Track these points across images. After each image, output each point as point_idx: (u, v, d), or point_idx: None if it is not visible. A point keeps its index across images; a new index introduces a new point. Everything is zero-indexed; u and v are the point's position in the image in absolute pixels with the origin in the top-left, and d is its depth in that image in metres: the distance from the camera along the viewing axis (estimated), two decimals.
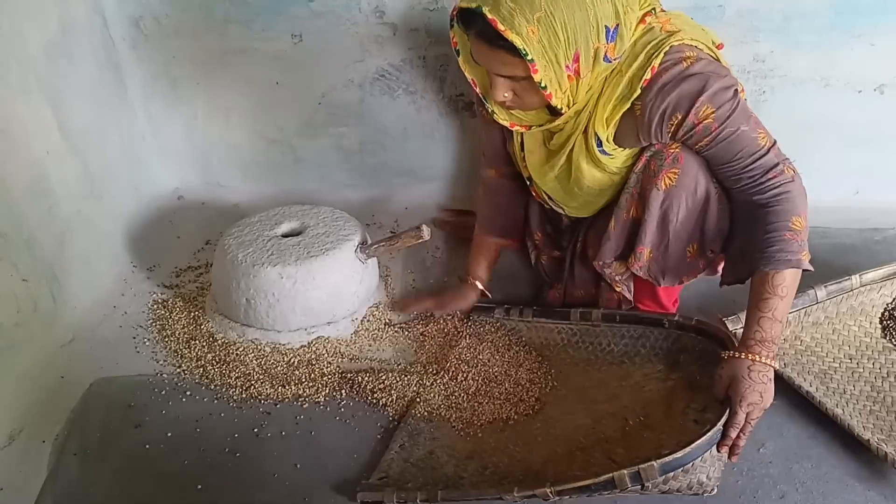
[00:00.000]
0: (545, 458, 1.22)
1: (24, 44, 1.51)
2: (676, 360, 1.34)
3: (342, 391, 1.41)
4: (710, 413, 1.17)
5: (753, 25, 1.74)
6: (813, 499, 1.19)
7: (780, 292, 1.16)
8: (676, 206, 1.26)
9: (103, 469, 1.26)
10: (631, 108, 1.20)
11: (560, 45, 1.09)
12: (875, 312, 1.53)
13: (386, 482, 1.20)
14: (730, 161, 1.19)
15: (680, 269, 1.34)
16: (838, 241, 1.84)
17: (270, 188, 2.10)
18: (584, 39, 1.10)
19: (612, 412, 1.28)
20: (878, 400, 1.34)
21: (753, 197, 1.20)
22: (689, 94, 1.15)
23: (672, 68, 1.15)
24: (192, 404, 1.39)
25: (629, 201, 1.32)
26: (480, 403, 1.37)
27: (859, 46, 1.76)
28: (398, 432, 1.31)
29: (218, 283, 1.56)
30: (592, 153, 1.27)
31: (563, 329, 1.50)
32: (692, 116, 1.15)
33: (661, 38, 1.17)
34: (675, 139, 1.21)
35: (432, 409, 1.36)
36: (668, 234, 1.29)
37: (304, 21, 1.81)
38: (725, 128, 1.16)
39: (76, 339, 1.55)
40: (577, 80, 1.15)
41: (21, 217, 1.46)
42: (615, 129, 1.24)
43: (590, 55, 1.12)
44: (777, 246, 1.16)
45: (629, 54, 1.18)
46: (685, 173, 1.23)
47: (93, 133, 1.75)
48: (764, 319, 1.17)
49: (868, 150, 1.91)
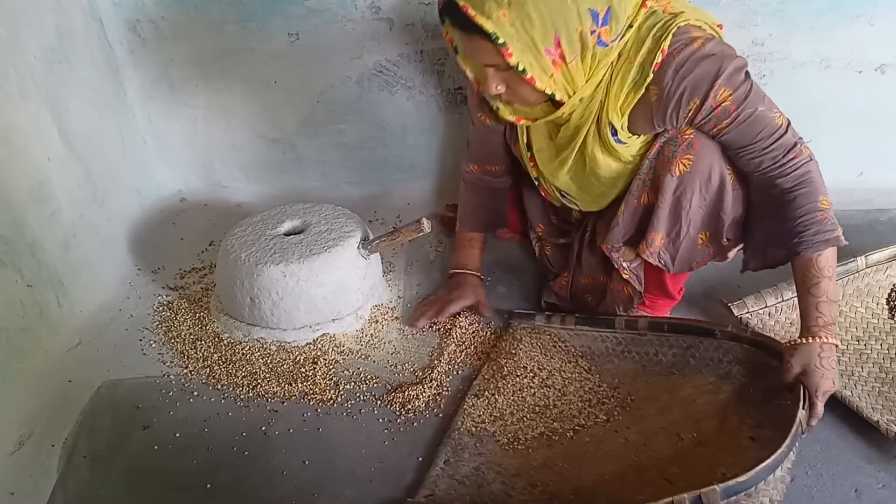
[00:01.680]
0: (596, 477, 1.16)
1: (22, 51, 1.51)
2: (728, 373, 1.28)
3: (349, 387, 1.42)
4: (766, 429, 1.13)
5: (751, 9, 1.74)
6: (823, 481, 1.18)
7: (828, 273, 1.17)
8: (690, 192, 1.25)
9: (113, 471, 1.27)
10: (645, 94, 1.19)
11: (535, 28, 1.08)
12: (882, 293, 1.52)
13: (433, 500, 1.16)
14: (750, 143, 1.18)
15: (691, 256, 1.33)
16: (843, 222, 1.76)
17: (272, 187, 2.10)
18: (563, 22, 1.08)
19: (664, 427, 1.23)
20: (886, 381, 1.34)
21: (777, 181, 1.19)
22: (706, 77, 1.14)
23: (684, 49, 1.14)
24: (199, 404, 1.39)
25: (641, 188, 1.30)
26: (526, 417, 1.32)
27: (858, 27, 1.75)
28: (442, 447, 1.26)
29: (222, 284, 1.57)
30: (606, 142, 1.26)
31: (608, 337, 1.44)
32: (711, 100, 1.14)
33: (666, 20, 1.16)
34: (692, 123, 1.20)
35: (476, 423, 1.31)
36: (681, 221, 1.28)
37: (301, 19, 1.81)
38: (744, 109, 1.15)
39: (82, 343, 1.55)
40: (566, 66, 1.14)
41: (24, 223, 1.47)
42: (628, 117, 1.23)
43: (574, 39, 1.11)
44: (814, 228, 1.17)
45: (635, 40, 1.18)
46: (700, 159, 1.22)
47: (93, 138, 1.76)
48: (822, 304, 1.17)
49: (871, 131, 1.90)
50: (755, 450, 1.10)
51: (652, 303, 1.50)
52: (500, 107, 1.29)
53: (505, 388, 1.38)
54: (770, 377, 1.21)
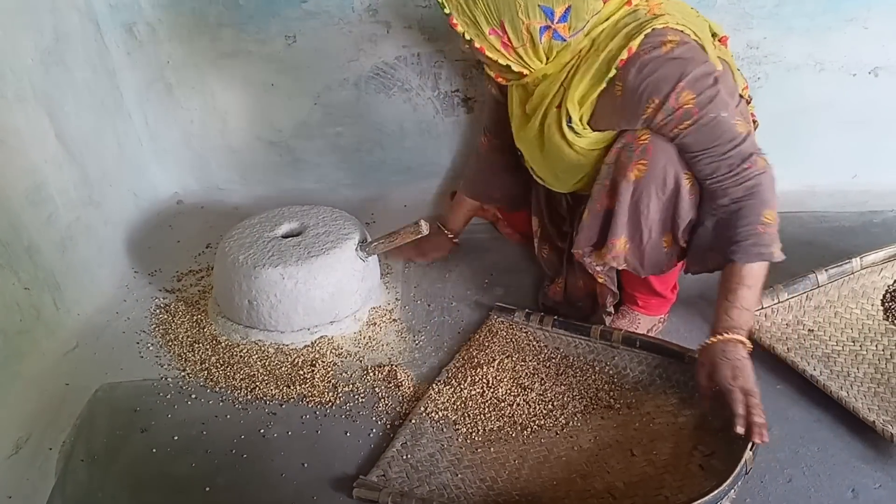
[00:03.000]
0: (544, 480, 1.21)
1: (18, 53, 1.51)
2: (692, 397, 1.30)
3: (347, 389, 1.42)
4: (716, 460, 1.16)
5: (746, 12, 1.74)
6: (820, 481, 1.19)
7: (748, 282, 1.19)
8: (647, 196, 1.26)
9: (111, 474, 1.27)
10: (611, 89, 1.20)
11: (478, 8, 1.17)
12: (877, 294, 1.53)
13: (384, 481, 1.20)
14: (708, 147, 1.19)
15: (658, 260, 1.33)
16: (837, 224, 1.84)
17: (269, 190, 2.10)
18: (508, 13, 1.16)
19: (619, 440, 1.26)
20: (882, 381, 1.34)
21: (729, 189, 1.19)
22: (668, 79, 1.15)
23: (651, 51, 1.16)
24: (197, 407, 1.39)
25: (601, 192, 1.32)
26: (488, 409, 1.35)
27: (852, 30, 1.76)
28: (402, 429, 1.31)
29: (220, 286, 1.57)
30: (562, 129, 1.29)
31: (581, 344, 1.46)
32: (672, 100, 1.16)
33: (644, 20, 1.18)
34: (650, 124, 1.21)
35: (438, 409, 1.34)
36: (642, 226, 1.29)
37: (298, 22, 1.81)
38: (706, 113, 1.16)
39: (80, 346, 1.55)
40: (514, 50, 1.21)
41: (21, 225, 1.46)
42: (592, 110, 1.25)
43: (520, 30, 1.18)
44: (751, 240, 1.18)
45: (608, 34, 1.19)
46: (654, 164, 1.23)
47: (90, 140, 1.76)
48: (733, 309, 1.19)
49: (865, 134, 1.91)
50: (701, 479, 1.14)
51: (645, 302, 1.50)
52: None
53: (473, 378, 1.40)
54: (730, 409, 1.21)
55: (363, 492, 1.17)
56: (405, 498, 1.13)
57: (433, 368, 1.47)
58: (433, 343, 1.55)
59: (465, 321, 1.60)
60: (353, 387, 1.42)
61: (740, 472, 1.06)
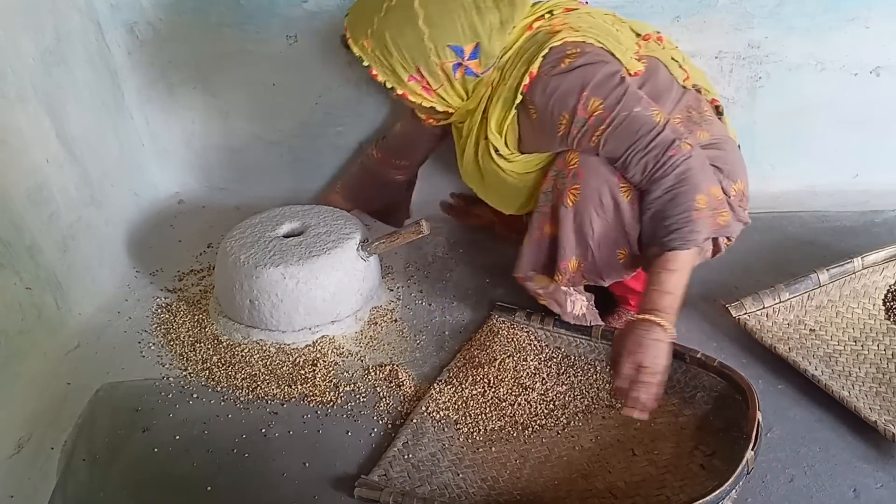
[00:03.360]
0: (546, 480, 1.21)
1: (19, 53, 1.51)
2: (692, 397, 1.31)
3: (348, 389, 1.42)
4: (717, 460, 1.17)
5: (747, 11, 1.74)
6: (821, 481, 1.19)
7: (671, 266, 1.18)
8: (588, 219, 1.26)
9: (112, 474, 1.27)
10: (525, 112, 1.24)
11: (394, 58, 1.25)
12: (878, 294, 1.53)
13: (385, 480, 1.20)
14: (631, 145, 1.18)
15: (616, 270, 1.33)
16: (838, 224, 1.84)
17: (270, 189, 2.10)
18: (422, 57, 1.23)
19: (620, 440, 1.27)
20: (883, 381, 1.34)
21: (661, 180, 1.18)
22: (571, 92, 1.18)
23: (552, 70, 1.19)
24: (198, 406, 1.39)
25: (541, 219, 1.33)
26: (489, 409, 1.35)
27: (853, 29, 1.76)
28: (404, 428, 1.31)
29: (221, 286, 1.57)
30: (492, 157, 1.34)
31: (582, 344, 1.46)
32: (581, 111, 1.17)
33: (543, 41, 1.21)
34: (569, 139, 1.22)
35: (440, 409, 1.35)
36: (589, 246, 1.29)
37: (299, 21, 1.81)
38: (619, 113, 1.17)
39: (81, 346, 1.55)
40: (435, 91, 1.28)
41: (23, 225, 1.46)
42: (517, 135, 1.29)
43: (436, 72, 1.24)
44: (688, 227, 1.17)
45: (513, 60, 1.24)
46: (586, 186, 1.24)
47: (91, 140, 1.76)
48: (654, 291, 1.18)
49: (866, 133, 1.91)
50: (703, 478, 1.15)
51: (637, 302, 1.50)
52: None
53: (474, 378, 1.40)
54: (732, 409, 1.24)
55: (364, 491, 1.17)
56: (406, 497, 1.13)
57: (434, 368, 1.47)
58: (434, 343, 1.55)
59: (466, 321, 1.60)
60: (355, 386, 1.42)
61: (742, 472, 1.06)
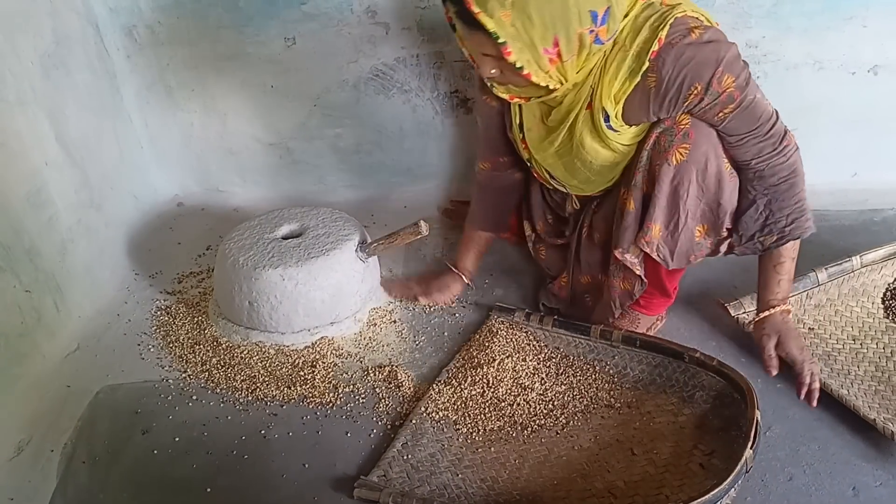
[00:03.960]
0: (545, 480, 1.21)
1: (19, 56, 1.52)
2: (691, 396, 1.31)
3: (347, 390, 1.42)
4: (717, 459, 1.18)
5: (745, 11, 1.75)
6: (821, 480, 1.19)
7: (793, 254, 1.31)
8: (687, 181, 1.25)
9: (112, 476, 1.27)
10: (643, 82, 1.20)
11: (535, 30, 1.10)
12: (877, 293, 1.53)
13: (385, 481, 1.20)
14: (752, 129, 1.21)
15: (689, 249, 1.33)
16: (837, 222, 1.84)
17: (269, 191, 2.11)
18: (563, 25, 1.10)
19: (619, 440, 1.27)
20: (882, 380, 1.34)
21: (776, 167, 1.23)
22: (708, 63, 1.15)
23: (682, 39, 1.15)
24: (198, 408, 1.39)
25: (644, 180, 1.30)
26: (488, 409, 1.35)
27: (851, 28, 1.76)
28: (403, 429, 1.31)
29: (220, 288, 1.57)
30: (599, 129, 1.27)
31: (581, 344, 1.46)
32: (715, 85, 1.15)
33: (664, 10, 1.18)
34: (693, 110, 1.21)
35: (439, 409, 1.35)
36: (679, 212, 1.28)
37: (297, 24, 1.81)
38: (746, 96, 1.17)
39: (81, 348, 1.55)
40: (562, 63, 1.16)
41: (22, 228, 1.47)
42: (623, 105, 1.24)
43: (573, 40, 1.13)
44: (806, 215, 1.27)
45: (631, 29, 1.19)
46: (696, 148, 1.23)
47: (90, 143, 1.76)
48: (783, 280, 1.33)
49: (864, 132, 1.91)
50: (702, 477, 1.15)
51: (648, 302, 1.50)
52: (494, 85, 1.31)
53: (473, 378, 1.40)
54: (731, 408, 1.24)
55: (364, 492, 1.18)
56: (406, 498, 1.13)
57: (433, 368, 1.48)
58: (433, 343, 1.55)
59: (465, 321, 1.60)
60: (354, 387, 1.43)
61: (741, 471, 1.06)
